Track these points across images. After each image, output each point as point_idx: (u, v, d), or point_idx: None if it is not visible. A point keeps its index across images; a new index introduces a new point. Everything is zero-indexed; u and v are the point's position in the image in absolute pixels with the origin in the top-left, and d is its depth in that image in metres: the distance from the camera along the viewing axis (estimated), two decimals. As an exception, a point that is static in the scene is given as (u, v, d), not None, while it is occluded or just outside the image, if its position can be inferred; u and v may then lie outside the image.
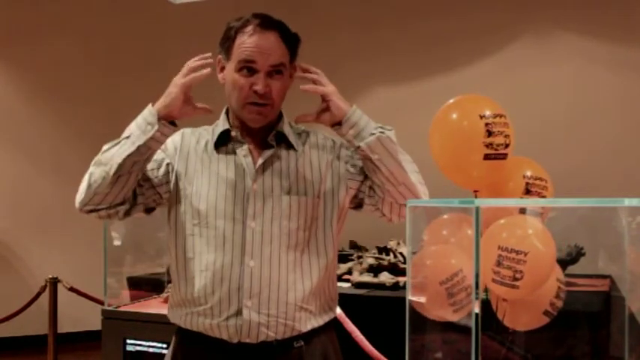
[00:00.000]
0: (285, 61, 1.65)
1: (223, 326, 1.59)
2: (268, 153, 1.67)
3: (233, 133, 1.69)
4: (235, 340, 1.60)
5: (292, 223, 1.63)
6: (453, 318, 1.80)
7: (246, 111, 1.64)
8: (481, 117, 2.18)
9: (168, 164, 1.69)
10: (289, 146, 1.70)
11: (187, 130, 1.76)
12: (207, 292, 1.61)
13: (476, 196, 2.26)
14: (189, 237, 1.66)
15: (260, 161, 1.66)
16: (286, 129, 1.72)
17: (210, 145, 1.70)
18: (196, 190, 1.65)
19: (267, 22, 1.64)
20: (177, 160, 1.70)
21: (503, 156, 2.19)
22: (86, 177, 1.62)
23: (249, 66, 1.62)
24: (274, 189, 1.64)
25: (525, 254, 1.85)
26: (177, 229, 1.68)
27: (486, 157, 2.16)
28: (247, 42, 1.62)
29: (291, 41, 1.67)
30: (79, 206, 1.64)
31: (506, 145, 2.19)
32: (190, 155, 1.70)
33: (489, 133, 2.16)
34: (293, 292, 1.62)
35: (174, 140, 1.72)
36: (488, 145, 2.15)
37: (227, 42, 1.67)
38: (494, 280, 1.89)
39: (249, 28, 1.63)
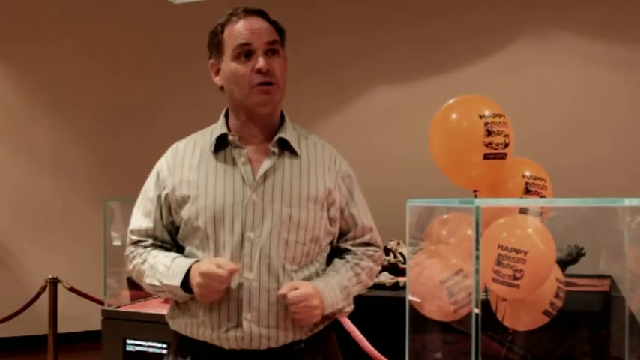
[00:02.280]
0: (278, 40, 1.66)
1: (223, 337, 1.58)
2: (269, 163, 1.63)
3: (230, 138, 1.65)
4: (237, 348, 1.59)
5: (291, 236, 1.60)
6: (454, 317, 1.80)
7: (253, 94, 1.61)
8: (480, 117, 2.18)
9: (167, 195, 1.68)
10: (292, 152, 1.66)
11: (180, 145, 1.73)
12: (206, 304, 1.59)
13: (475, 196, 2.26)
14: (188, 248, 1.66)
15: (261, 172, 1.62)
16: (288, 134, 1.67)
17: (207, 152, 1.66)
18: (194, 201, 1.62)
19: (250, 9, 1.66)
20: (173, 177, 1.67)
21: (503, 156, 2.18)
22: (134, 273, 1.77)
23: (246, 50, 1.61)
24: (274, 200, 1.60)
25: (525, 253, 1.85)
26: (177, 240, 1.69)
27: (486, 156, 2.16)
28: (237, 27, 1.62)
29: (277, 26, 1.68)
30: None
31: (506, 145, 2.19)
32: (185, 167, 1.66)
33: (489, 133, 2.15)
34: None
35: (167, 159, 1.71)
36: (488, 145, 2.15)
37: (216, 39, 1.66)
38: (494, 280, 1.88)
39: (235, 17, 1.64)
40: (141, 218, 1.72)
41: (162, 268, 1.62)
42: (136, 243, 1.72)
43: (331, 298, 1.61)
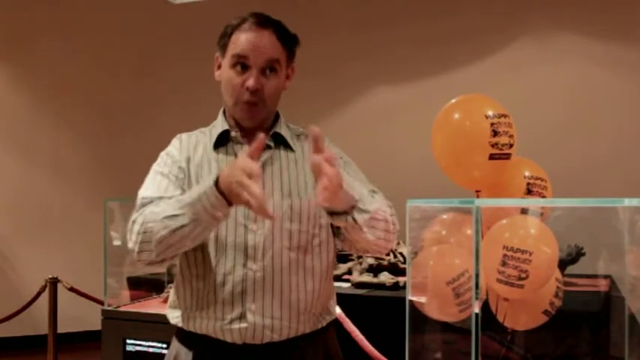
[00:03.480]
0: (280, 59, 1.65)
1: (227, 330, 1.58)
2: (266, 155, 1.65)
3: (233, 134, 1.68)
4: (240, 342, 1.59)
5: (294, 225, 1.61)
6: (459, 318, 1.79)
7: (238, 109, 1.65)
8: (486, 117, 2.17)
9: (181, 175, 1.65)
10: (287, 147, 1.69)
11: (184, 136, 1.74)
12: (209, 296, 1.60)
13: (478, 197, 2.26)
14: None
15: (259, 163, 1.61)
16: (283, 130, 1.71)
17: (209, 147, 1.68)
18: None
19: (263, 21, 1.64)
20: (182, 162, 1.67)
21: (507, 156, 2.18)
22: (153, 249, 1.51)
23: (242, 62, 1.62)
24: (274, 191, 1.62)
25: (531, 254, 1.85)
26: None
27: (492, 157, 2.15)
28: (242, 38, 1.62)
29: (288, 41, 1.67)
30: (138, 259, 1.55)
31: (511, 145, 2.19)
32: (189, 160, 1.68)
33: (495, 133, 2.15)
34: (296, 295, 1.61)
35: (174, 146, 1.72)
36: (494, 145, 2.15)
37: (223, 39, 1.67)
38: (498, 280, 1.88)
39: (246, 26, 1.63)
40: (153, 188, 1.62)
41: (183, 196, 1.51)
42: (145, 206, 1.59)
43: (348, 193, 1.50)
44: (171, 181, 1.62)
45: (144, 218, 1.52)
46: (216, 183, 1.44)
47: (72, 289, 4.26)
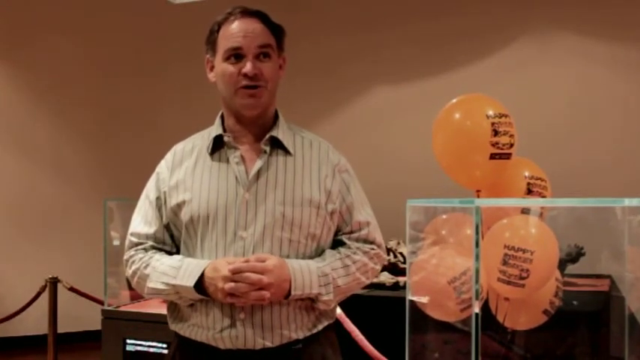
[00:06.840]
0: (272, 44, 1.65)
1: (219, 338, 1.57)
2: (261, 161, 1.63)
3: (226, 139, 1.66)
4: (233, 349, 1.58)
5: (285, 234, 1.59)
6: (460, 317, 1.79)
7: (238, 97, 1.62)
8: (487, 117, 2.17)
9: (166, 197, 1.68)
10: (285, 151, 1.66)
11: (179, 146, 1.74)
12: (200, 304, 1.59)
13: (478, 196, 2.26)
14: (183, 249, 1.66)
15: (254, 170, 1.62)
16: (280, 133, 1.67)
17: (204, 153, 1.67)
18: (190, 202, 1.62)
19: (249, 10, 1.66)
20: (171, 178, 1.67)
21: (508, 156, 2.19)
22: (144, 295, 1.70)
23: (236, 52, 1.61)
24: (267, 198, 1.60)
25: (532, 253, 1.85)
26: (173, 240, 1.69)
27: (492, 156, 2.15)
28: (231, 29, 1.63)
29: (275, 29, 1.67)
30: None
31: (511, 145, 2.19)
32: (183, 168, 1.67)
33: (495, 133, 2.15)
34: (286, 304, 1.59)
35: (166, 161, 1.72)
36: (495, 145, 2.15)
37: (212, 36, 1.67)
38: (499, 280, 1.88)
39: (232, 17, 1.64)
40: (141, 221, 1.71)
41: (170, 270, 1.59)
42: (135, 246, 1.70)
43: (303, 280, 1.56)
44: (155, 210, 1.70)
45: (132, 272, 1.67)
46: (201, 275, 1.55)
47: (72, 289, 4.26)
